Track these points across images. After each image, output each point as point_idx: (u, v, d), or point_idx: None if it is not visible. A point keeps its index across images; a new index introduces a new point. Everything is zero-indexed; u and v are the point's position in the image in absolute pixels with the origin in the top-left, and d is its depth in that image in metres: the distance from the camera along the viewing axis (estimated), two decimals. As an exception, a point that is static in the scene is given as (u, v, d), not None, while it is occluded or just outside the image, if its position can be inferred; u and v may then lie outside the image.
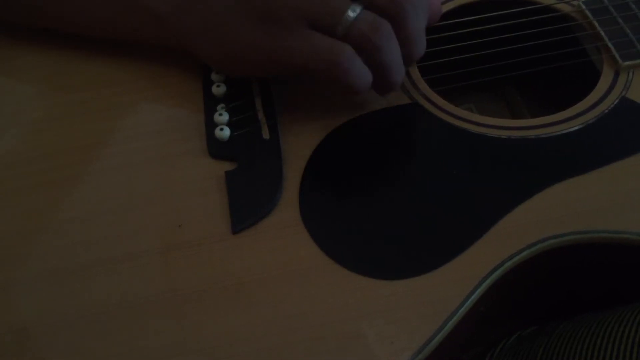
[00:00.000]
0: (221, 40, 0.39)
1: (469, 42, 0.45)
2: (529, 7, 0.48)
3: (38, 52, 0.45)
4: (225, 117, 0.41)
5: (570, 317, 0.41)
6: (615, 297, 0.40)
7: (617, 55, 0.44)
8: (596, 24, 0.46)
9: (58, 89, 0.44)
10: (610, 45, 0.45)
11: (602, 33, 0.45)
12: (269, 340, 0.33)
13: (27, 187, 0.39)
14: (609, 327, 0.37)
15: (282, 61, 0.38)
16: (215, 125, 0.41)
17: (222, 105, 0.42)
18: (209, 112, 0.42)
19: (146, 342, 0.34)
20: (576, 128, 0.41)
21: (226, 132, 0.40)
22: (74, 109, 0.43)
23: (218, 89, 0.42)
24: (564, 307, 0.43)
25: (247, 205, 0.37)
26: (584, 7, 0.47)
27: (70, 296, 0.35)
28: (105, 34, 0.44)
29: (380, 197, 0.38)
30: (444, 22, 0.47)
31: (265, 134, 0.40)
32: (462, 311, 0.34)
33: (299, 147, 0.40)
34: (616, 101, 0.42)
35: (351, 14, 0.37)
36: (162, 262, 0.36)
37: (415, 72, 0.44)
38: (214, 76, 0.43)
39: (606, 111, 0.42)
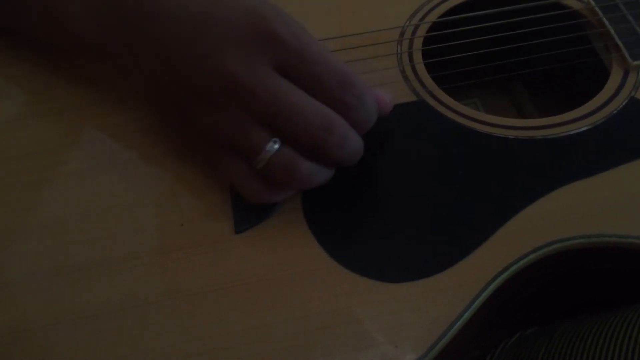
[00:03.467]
0: (158, 102, 0.38)
1: (476, 39, 0.44)
2: (538, 3, 0.47)
3: (24, 48, 0.44)
4: (228, 113, 0.40)
5: (573, 318, 0.41)
6: (620, 300, 0.39)
7: (626, 55, 0.43)
8: (606, 22, 0.45)
9: (51, 83, 0.43)
10: (619, 43, 0.44)
11: (612, 31, 0.45)
12: (271, 342, 0.33)
13: (28, 184, 0.39)
14: (611, 327, 0.37)
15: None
16: (218, 121, 0.40)
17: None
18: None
19: (147, 343, 0.33)
20: (584, 129, 0.40)
21: (229, 129, 0.39)
22: (68, 103, 0.42)
23: None
24: (567, 308, 0.42)
25: (250, 205, 0.37)
26: (594, 4, 0.46)
27: (71, 296, 0.34)
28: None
29: (385, 197, 0.38)
30: (452, 17, 0.46)
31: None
32: (467, 315, 0.34)
33: (303, 145, 0.40)
34: (625, 101, 0.42)
35: (267, 153, 0.34)
36: (164, 262, 0.36)
37: (422, 69, 0.44)
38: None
39: (615, 112, 0.41)
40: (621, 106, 0.41)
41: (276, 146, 0.34)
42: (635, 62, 0.43)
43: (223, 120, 0.34)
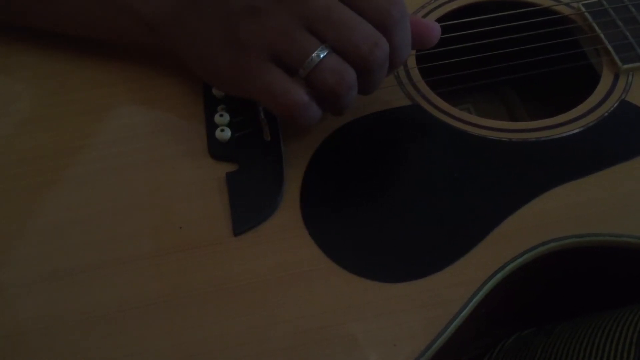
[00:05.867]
0: (200, 57, 0.39)
1: (468, 44, 0.45)
2: (528, 9, 0.48)
3: (33, 51, 0.45)
4: (226, 118, 0.41)
5: (569, 318, 0.42)
6: (615, 299, 0.40)
7: (616, 58, 0.44)
8: (596, 27, 0.46)
9: (54, 89, 0.43)
10: (609, 48, 0.45)
11: (602, 36, 0.46)
12: (271, 344, 0.33)
13: (24, 188, 0.39)
14: (607, 327, 0.37)
15: (243, 91, 0.38)
16: (216, 126, 0.40)
17: (222, 105, 0.42)
18: (210, 112, 0.41)
19: (146, 345, 0.33)
20: (576, 131, 0.41)
21: (227, 133, 0.40)
22: (71, 108, 0.42)
23: (218, 90, 0.42)
24: (563, 308, 0.43)
25: (248, 207, 0.37)
26: (583, 9, 0.47)
27: (69, 300, 0.35)
28: (95, 36, 0.43)
29: (382, 199, 0.38)
30: (444, 24, 0.47)
31: (266, 136, 0.40)
32: (464, 313, 0.34)
33: (300, 148, 0.40)
34: (616, 104, 0.42)
35: (315, 57, 0.35)
36: (162, 264, 0.36)
37: (416, 74, 0.44)
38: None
39: (606, 114, 0.42)
40: (612, 108, 0.42)
41: (325, 52, 0.35)
42: (625, 66, 0.44)
43: (270, 27, 0.35)
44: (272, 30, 0.35)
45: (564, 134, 0.41)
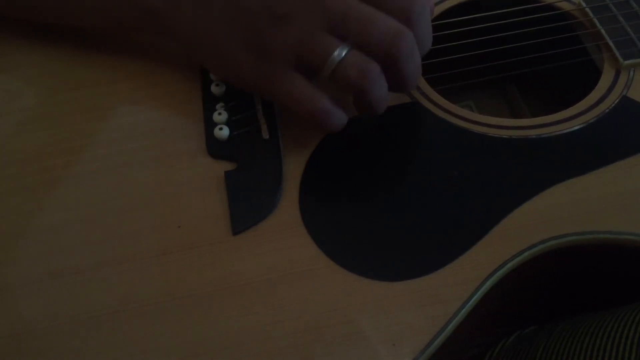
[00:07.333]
0: (211, 47, 0.39)
1: (469, 40, 0.45)
2: (529, 5, 0.48)
3: (33, 50, 0.45)
4: (224, 116, 0.41)
5: (570, 317, 0.42)
6: (615, 298, 0.40)
7: (617, 54, 0.44)
8: (597, 22, 0.46)
9: (54, 87, 0.43)
10: (611, 43, 0.45)
11: (603, 31, 0.45)
12: (270, 343, 0.33)
13: (24, 188, 0.39)
14: (607, 326, 0.37)
15: (264, 93, 0.39)
16: (215, 124, 0.40)
17: (221, 104, 0.41)
18: (208, 111, 0.41)
19: (146, 345, 0.33)
20: (577, 128, 0.41)
21: (225, 132, 0.40)
22: (70, 107, 0.42)
23: (217, 88, 0.42)
24: (564, 307, 0.43)
25: (247, 206, 0.37)
26: (584, 5, 0.47)
27: (69, 299, 0.35)
28: (98, 25, 0.43)
29: (381, 197, 0.38)
30: (445, 21, 0.47)
31: (265, 134, 0.40)
32: (463, 312, 0.34)
33: (298, 146, 0.40)
34: (617, 100, 0.42)
35: (337, 56, 0.35)
36: (161, 264, 0.36)
37: (416, 71, 0.44)
38: (213, 75, 0.42)
39: (607, 111, 0.42)
40: (613, 105, 0.42)
41: (345, 50, 0.35)
42: (627, 62, 0.44)
43: (294, 35, 0.35)
44: (295, 38, 0.35)
45: (565, 131, 0.41)
